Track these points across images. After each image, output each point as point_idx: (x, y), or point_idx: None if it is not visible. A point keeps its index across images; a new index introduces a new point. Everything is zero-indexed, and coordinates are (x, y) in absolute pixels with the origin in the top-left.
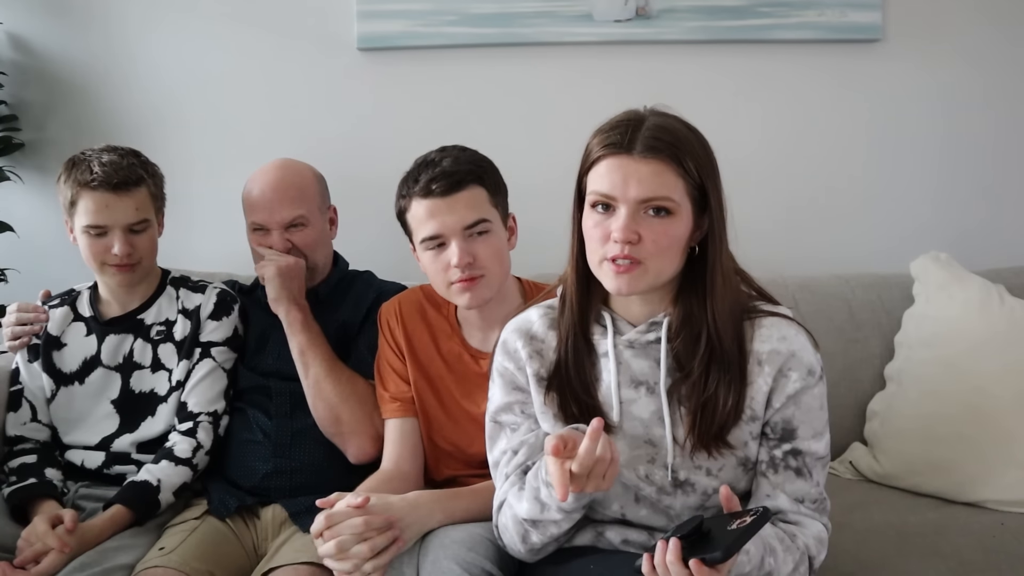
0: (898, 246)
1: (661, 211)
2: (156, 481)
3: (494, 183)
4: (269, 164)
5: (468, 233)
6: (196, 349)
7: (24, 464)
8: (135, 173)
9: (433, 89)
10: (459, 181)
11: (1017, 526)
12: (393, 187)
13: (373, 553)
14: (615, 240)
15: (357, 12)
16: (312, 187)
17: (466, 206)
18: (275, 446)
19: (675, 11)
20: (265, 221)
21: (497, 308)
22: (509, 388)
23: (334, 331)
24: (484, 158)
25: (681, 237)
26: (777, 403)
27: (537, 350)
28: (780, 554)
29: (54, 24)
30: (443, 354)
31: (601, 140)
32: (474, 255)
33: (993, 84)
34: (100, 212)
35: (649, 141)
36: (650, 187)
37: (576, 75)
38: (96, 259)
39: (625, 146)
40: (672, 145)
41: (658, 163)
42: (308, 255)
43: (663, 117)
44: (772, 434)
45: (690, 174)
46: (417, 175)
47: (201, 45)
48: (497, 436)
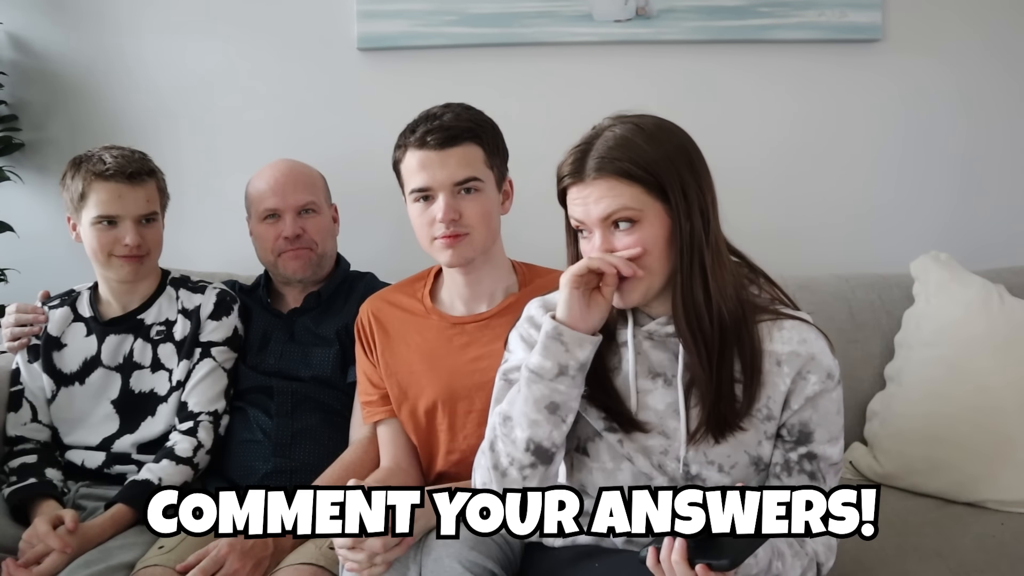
0: (898, 246)
1: (626, 222)
2: (157, 480)
3: (493, 143)
4: (273, 161)
5: (457, 189)
6: (196, 349)
7: (24, 464)
8: (147, 165)
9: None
10: (455, 136)
11: (1017, 526)
12: (392, 187)
13: (386, 549)
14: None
15: (357, 12)
16: (319, 180)
17: (458, 162)
18: (275, 446)
19: (675, 11)
20: (278, 205)
21: (487, 277)
22: (526, 351)
23: (335, 333)
24: (487, 119)
25: (658, 239)
26: (795, 405)
27: None
28: (788, 559)
29: (54, 24)
30: (423, 338)
31: (560, 172)
32: (460, 212)
33: (993, 84)
34: (113, 202)
35: (594, 163)
36: (606, 205)
37: (576, 75)
38: (104, 251)
39: (578, 174)
40: (617, 160)
41: (606, 179)
42: (319, 243)
43: (616, 126)
44: (788, 436)
45: (641, 179)
46: (415, 126)
47: (201, 45)
48: (503, 393)
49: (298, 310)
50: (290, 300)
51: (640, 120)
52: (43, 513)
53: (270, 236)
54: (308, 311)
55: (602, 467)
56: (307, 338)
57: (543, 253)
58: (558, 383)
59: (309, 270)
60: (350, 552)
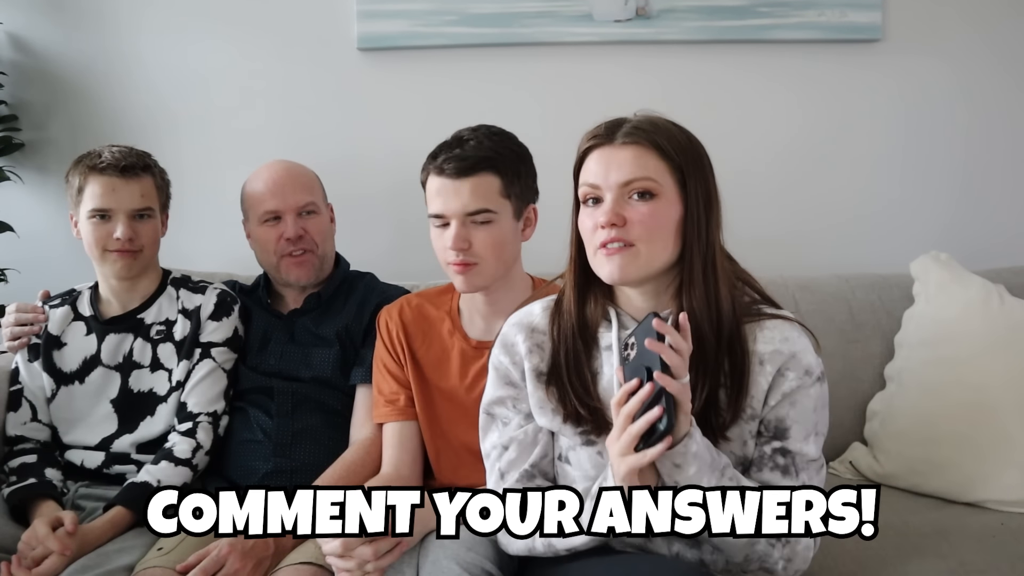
0: (898, 246)
1: (645, 194)
2: (156, 482)
3: (512, 172)
4: (268, 162)
5: (469, 219)
6: (196, 349)
7: (24, 464)
8: (143, 161)
9: (433, 89)
10: (471, 167)
11: (1017, 526)
12: (392, 187)
13: (376, 556)
14: (602, 226)
15: (357, 12)
16: (316, 180)
17: (472, 192)
18: (275, 446)
19: (675, 11)
20: (279, 207)
21: (504, 298)
22: (502, 383)
23: (336, 334)
24: (512, 147)
25: (669, 220)
26: (772, 401)
27: (538, 343)
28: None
29: (54, 24)
30: (447, 351)
31: (587, 136)
32: (470, 241)
33: (993, 84)
34: (106, 195)
35: (629, 129)
36: (630, 169)
37: (576, 75)
38: (98, 245)
39: (608, 137)
40: (651, 132)
41: (637, 147)
42: (319, 244)
43: (647, 115)
44: (765, 431)
45: (670, 157)
46: (439, 150)
47: (201, 45)
48: (489, 428)
49: (298, 311)
50: (290, 301)
51: (674, 122)
52: (42, 514)
53: (271, 238)
54: (308, 312)
55: (585, 475)
56: (307, 339)
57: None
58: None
59: (313, 275)
60: (340, 560)
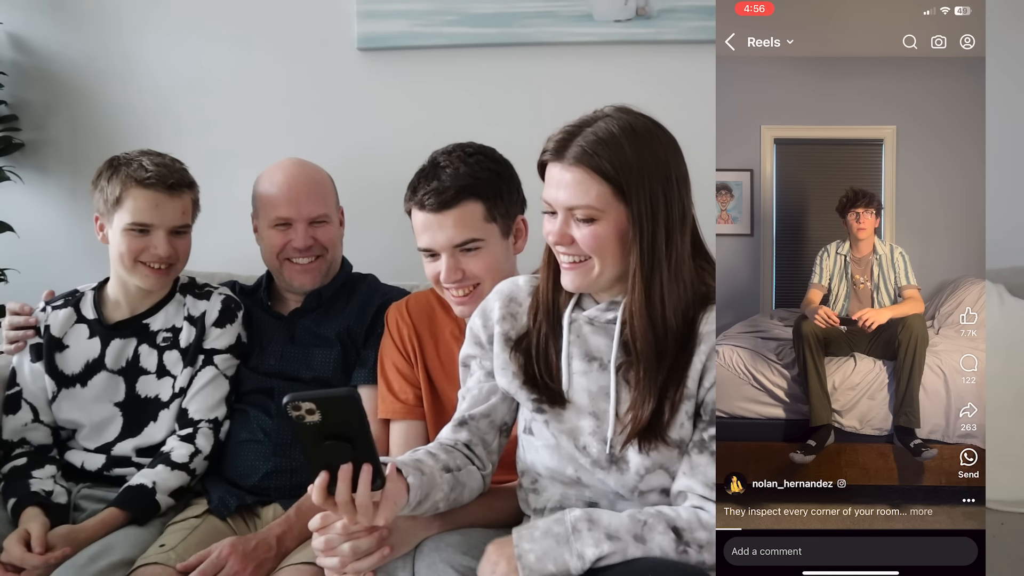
0: None
1: (588, 219)
2: (151, 483)
3: (494, 194)
4: (285, 161)
5: (458, 250)
6: (199, 356)
7: (14, 468)
8: (186, 177)
9: (433, 89)
10: (451, 199)
11: (1017, 526)
12: (392, 187)
13: (356, 556)
14: (554, 244)
15: (357, 12)
16: (330, 186)
17: (456, 224)
18: (276, 445)
19: (675, 11)
20: (291, 215)
21: None
22: (472, 342)
23: (337, 334)
24: (489, 167)
25: (614, 237)
26: (707, 383)
27: (512, 312)
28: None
29: (54, 24)
30: (452, 356)
31: (546, 143)
32: (464, 270)
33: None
34: (150, 211)
35: (576, 150)
36: (572, 195)
37: (576, 75)
38: (131, 256)
39: (559, 153)
40: (594, 156)
41: (580, 171)
42: (328, 249)
43: (611, 119)
44: (704, 415)
45: (612, 180)
46: (416, 183)
47: (201, 45)
48: (464, 376)
49: (299, 311)
50: (291, 301)
51: (636, 120)
52: (25, 521)
53: (279, 243)
54: (309, 312)
55: (545, 443)
56: (308, 339)
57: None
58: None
59: (318, 282)
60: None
